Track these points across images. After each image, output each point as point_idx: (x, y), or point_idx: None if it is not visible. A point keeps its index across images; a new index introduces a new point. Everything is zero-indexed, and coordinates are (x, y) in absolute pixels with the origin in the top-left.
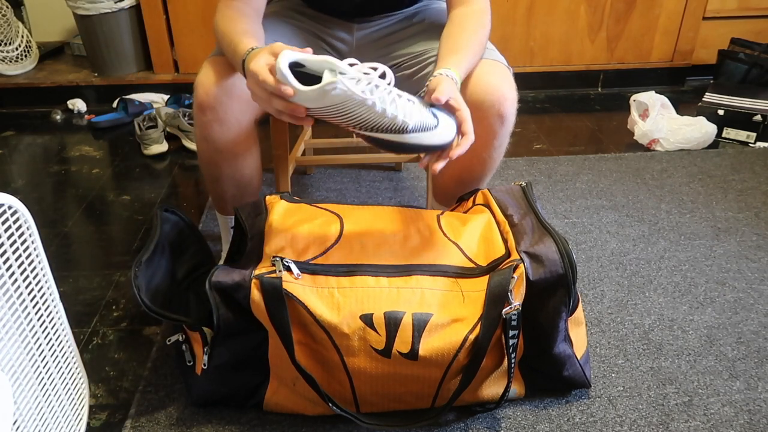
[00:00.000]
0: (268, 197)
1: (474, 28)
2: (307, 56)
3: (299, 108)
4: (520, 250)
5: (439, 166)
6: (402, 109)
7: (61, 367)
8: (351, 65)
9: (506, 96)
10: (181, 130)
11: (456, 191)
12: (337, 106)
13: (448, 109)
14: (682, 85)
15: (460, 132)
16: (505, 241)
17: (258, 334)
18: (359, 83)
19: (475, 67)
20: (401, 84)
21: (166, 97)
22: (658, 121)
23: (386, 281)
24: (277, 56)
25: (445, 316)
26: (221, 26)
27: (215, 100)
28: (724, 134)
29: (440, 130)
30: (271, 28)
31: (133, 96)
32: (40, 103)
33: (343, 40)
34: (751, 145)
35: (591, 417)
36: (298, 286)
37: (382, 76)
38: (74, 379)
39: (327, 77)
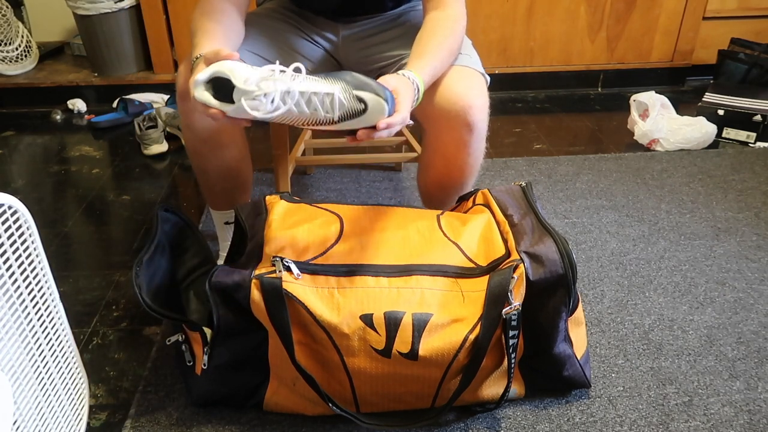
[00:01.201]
0: (268, 197)
1: (444, 34)
2: (217, 70)
3: (219, 116)
4: (520, 250)
5: (375, 135)
6: (321, 105)
7: (61, 367)
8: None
9: (472, 104)
10: (181, 130)
11: (441, 196)
12: (255, 115)
13: None
14: (682, 85)
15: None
16: (505, 241)
17: (258, 334)
18: (264, 98)
19: (443, 73)
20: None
21: (166, 97)
22: (658, 121)
23: (386, 281)
24: (211, 63)
25: (445, 316)
26: (193, 23)
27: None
28: (724, 134)
29: (369, 114)
30: (258, 27)
31: (133, 96)
32: (40, 103)
33: (328, 39)
34: (751, 145)
35: (591, 417)
36: (298, 286)
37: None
38: (74, 379)
39: (235, 96)
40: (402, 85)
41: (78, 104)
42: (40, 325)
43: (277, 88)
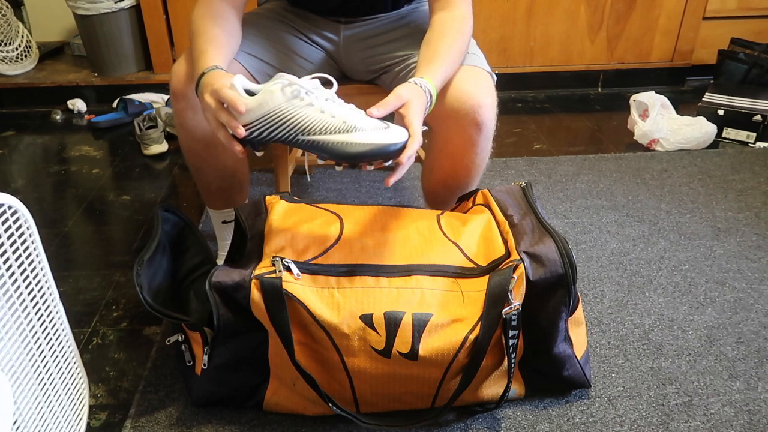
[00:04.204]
0: (268, 197)
1: (453, 35)
2: (254, 86)
3: (240, 127)
4: (520, 250)
5: (391, 180)
6: (347, 112)
7: (61, 367)
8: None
9: (482, 103)
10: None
11: (445, 196)
12: (280, 110)
13: (398, 118)
14: (682, 85)
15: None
16: (505, 241)
17: (258, 334)
18: (299, 88)
19: (453, 75)
20: (387, 86)
21: (166, 97)
22: (658, 121)
23: (386, 281)
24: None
25: (445, 316)
26: (194, 25)
27: (187, 87)
28: (724, 134)
29: (391, 131)
30: (255, 28)
31: (133, 96)
32: (40, 103)
33: (329, 39)
34: (751, 145)
35: (591, 417)
36: (298, 286)
37: (328, 85)
38: (74, 379)
39: (268, 84)
40: (414, 96)
41: (78, 104)
42: (40, 325)
43: (315, 88)
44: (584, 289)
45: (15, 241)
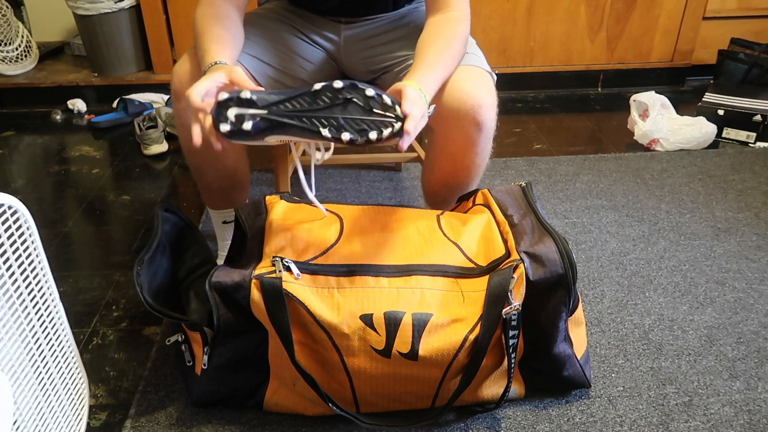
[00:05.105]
0: (268, 197)
1: (446, 37)
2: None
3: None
4: (520, 250)
5: (405, 144)
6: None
7: (61, 367)
8: None
9: (482, 102)
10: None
11: (445, 195)
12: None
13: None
14: (682, 85)
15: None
16: (505, 241)
17: (258, 334)
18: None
19: (447, 78)
20: (388, 86)
21: (166, 97)
22: (658, 121)
23: (386, 281)
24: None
25: (445, 316)
26: (198, 25)
27: (188, 86)
28: (724, 134)
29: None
30: (256, 28)
31: (133, 96)
32: (40, 103)
33: (330, 39)
34: (751, 145)
35: (591, 417)
36: (298, 286)
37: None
38: (74, 379)
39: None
40: (406, 87)
41: (78, 104)
42: (40, 325)
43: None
44: (584, 289)
45: (15, 241)
